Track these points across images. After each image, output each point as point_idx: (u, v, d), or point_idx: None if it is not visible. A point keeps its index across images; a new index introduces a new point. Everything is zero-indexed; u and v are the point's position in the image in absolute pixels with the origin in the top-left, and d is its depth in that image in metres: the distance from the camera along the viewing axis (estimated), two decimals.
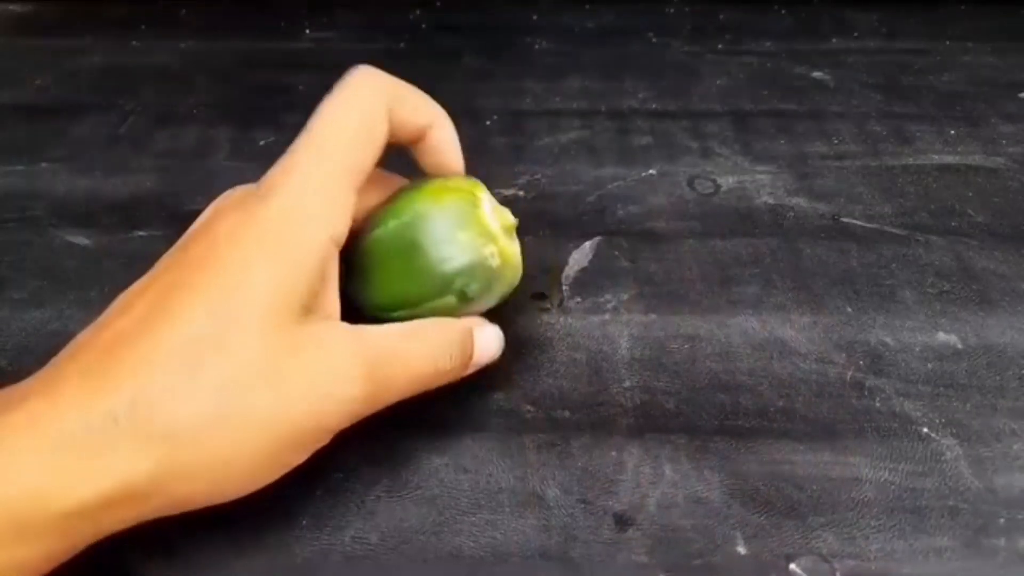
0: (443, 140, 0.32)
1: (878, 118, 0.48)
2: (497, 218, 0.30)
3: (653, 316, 0.36)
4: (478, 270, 0.29)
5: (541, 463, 0.30)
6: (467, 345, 0.30)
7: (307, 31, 0.57)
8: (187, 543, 0.28)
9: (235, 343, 0.24)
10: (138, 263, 0.27)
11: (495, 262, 0.30)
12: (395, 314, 0.30)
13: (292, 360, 0.24)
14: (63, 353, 0.25)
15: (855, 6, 0.60)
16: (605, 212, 0.42)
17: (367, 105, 0.29)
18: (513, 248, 0.31)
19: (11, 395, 0.23)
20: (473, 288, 0.30)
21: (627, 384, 0.33)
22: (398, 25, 0.59)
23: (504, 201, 0.39)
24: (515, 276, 0.31)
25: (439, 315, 0.30)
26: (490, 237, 0.30)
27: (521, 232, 0.31)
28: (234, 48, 0.56)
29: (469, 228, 0.29)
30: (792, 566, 0.27)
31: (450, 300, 0.30)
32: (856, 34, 0.57)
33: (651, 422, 0.31)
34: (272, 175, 0.27)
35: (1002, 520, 0.28)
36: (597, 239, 0.40)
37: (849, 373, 0.33)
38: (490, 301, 0.31)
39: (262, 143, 0.47)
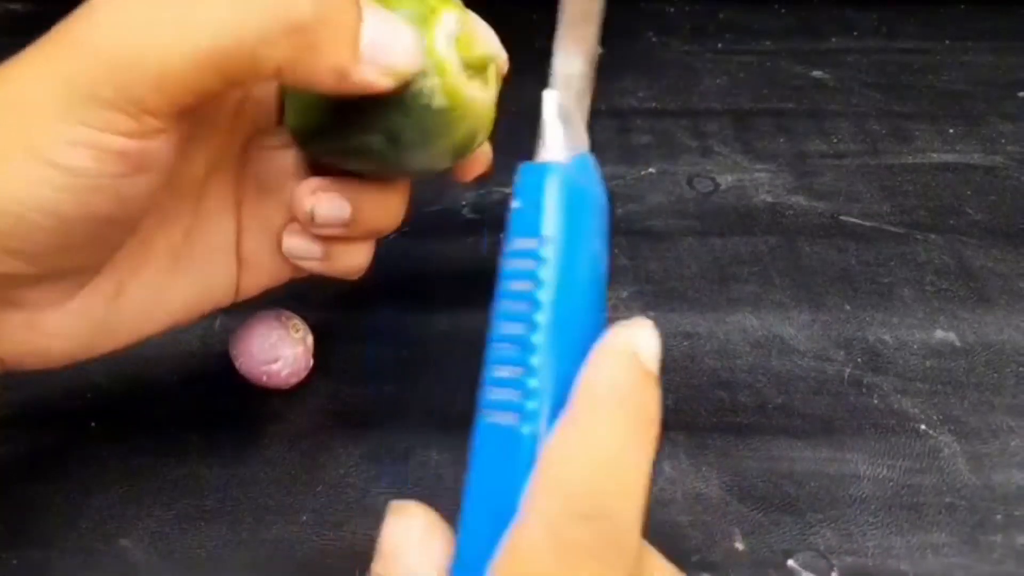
0: None
1: (877, 117, 0.48)
2: (457, 46, 0.24)
3: (652, 314, 0.36)
4: (411, 108, 0.23)
5: None
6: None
7: None
8: (187, 541, 0.28)
9: None
10: None
11: (437, 102, 0.23)
12: (312, 144, 0.26)
13: None
14: None
15: (855, 5, 0.60)
16: None
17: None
18: (474, 90, 0.24)
19: None
20: (405, 134, 0.24)
21: None
22: None
23: (505, 200, 0.39)
24: (474, 128, 0.25)
25: (363, 163, 0.25)
26: (435, 68, 0.23)
27: None
28: None
29: None
30: (790, 562, 0.27)
31: (373, 141, 0.24)
32: (856, 33, 0.57)
33: None
34: None
35: (999, 516, 0.28)
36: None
37: (847, 370, 0.33)
38: (435, 156, 0.25)
39: None
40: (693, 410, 0.32)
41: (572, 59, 0.22)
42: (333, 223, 0.26)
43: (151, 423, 0.31)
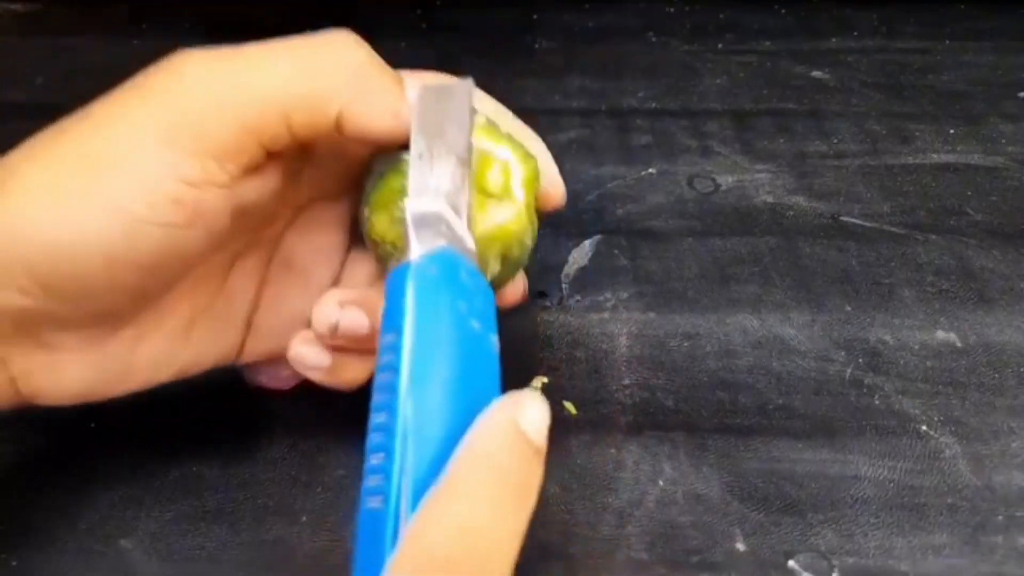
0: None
1: (877, 117, 0.48)
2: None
3: (652, 314, 0.36)
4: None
5: None
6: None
7: (308, 31, 0.57)
8: (187, 541, 0.28)
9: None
10: None
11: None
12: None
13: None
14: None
15: (855, 5, 0.60)
16: (605, 211, 0.42)
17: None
18: (494, 216, 0.26)
19: None
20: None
21: (626, 382, 0.33)
22: (398, 25, 0.59)
23: None
24: (506, 247, 0.27)
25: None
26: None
27: None
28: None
29: None
30: (791, 563, 0.27)
31: None
32: (856, 33, 0.57)
33: (650, 420, 0.32)
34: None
35: (1000, 517, 0.28)
36: (597, 238, 0.40)
37: (848, 371, 0.33)
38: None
39: None
40: (694, 411, 0.32)
41: (434, 168, 0.24)
42: (351, 335, 0.26)
43: (151, 424, 0.31)
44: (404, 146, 0.25)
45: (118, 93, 0.24)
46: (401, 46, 0.56)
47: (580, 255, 0.39)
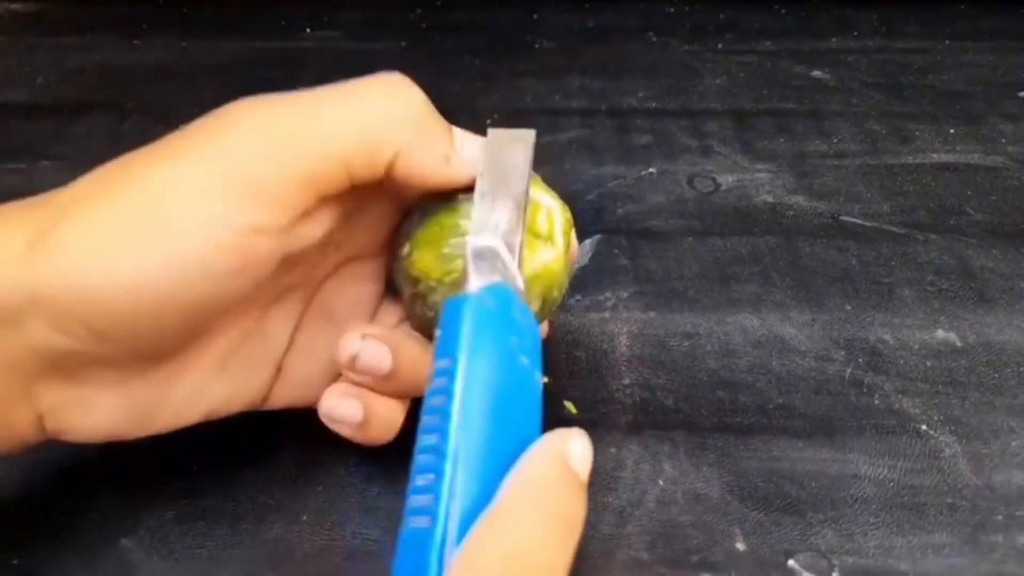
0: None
1: (877, 117, 0.48)
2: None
3: (652, 314, 0.36)
4: None
5: None
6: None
7: (308, 31, 0.58)
8: (186, 541, 0.28)
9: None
10: None
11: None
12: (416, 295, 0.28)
13: None
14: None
15: (855, 5, 0.60)
16: (605, 210, 0.42)
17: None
18: (539, 257, 0.28)
19: None
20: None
21: (626, 381, 0.33)
22: (398, 25, 0.59)
23: None
24: (546, 289, 0.28)
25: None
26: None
27: None
28: (236, 47, 0.56)
29: None
30: (791, 562, 0.27)
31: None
32: (856, 33, 0.57)
33: (650, 419, 0.32)
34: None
35: (1000, 517, 0.28)
36: (597, 237, 0.40)
37: (848, 370, 0.33)
38: None
39: None
40: (694, 410, 0.32)
41: (494, 209, 0.25)
42: (373, 372, 0.26)
43: None
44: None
45: (172, 138, 0.24)
46: (401, 46, 0.56)
47: (580, 255, 0.39)
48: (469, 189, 0.26)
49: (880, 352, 0.34)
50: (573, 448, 0.22)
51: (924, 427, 0.31)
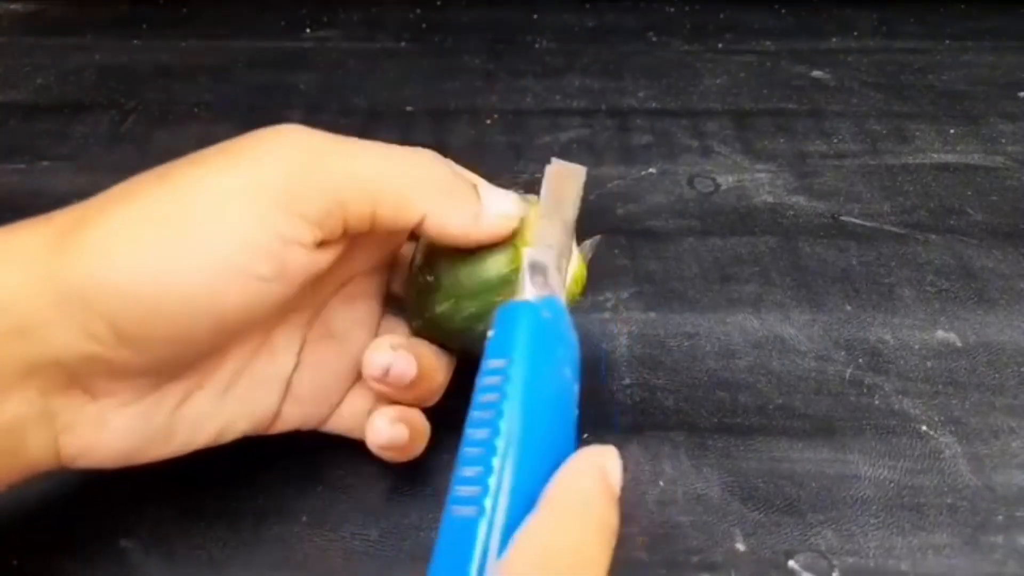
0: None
1: (877, 117, 0.48)
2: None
3: (652, 314, 0.36)
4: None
5: None
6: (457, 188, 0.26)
7: (307, 30, 0.58)
8: (186, 541, 0.28)
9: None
10: None
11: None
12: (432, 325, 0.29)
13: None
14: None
15: (855, 5, 0.60)
16: (605, 210, 0.42)
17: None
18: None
19: None
20: None
21: (626, 381, 0.33)
22: (398, 25, 0.59)
23: None
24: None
25: (468, 345, 0.28)
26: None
27: None
28: (235, 47, 0.56)
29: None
30: (791, 563, 0.27)
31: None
32: (856, 33, 0.57)
33: (650, 419, 0.32)
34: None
35: (1000, 517, 0.28)
36: (597, 237, 0.40)
37: (848, 371, 0.33)
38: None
39: None
40: (694, 411, 0.32)
41: (551, 230, 0.27)
42: (401, 381, 0.27)
43: None
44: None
45: (209, 151, 0.25)
46: (401, 46, 0.56)
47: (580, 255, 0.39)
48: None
49: (880, 352, 0.34)
50: (608, 462, 0.23)
51: (924, 427, 0.31)
